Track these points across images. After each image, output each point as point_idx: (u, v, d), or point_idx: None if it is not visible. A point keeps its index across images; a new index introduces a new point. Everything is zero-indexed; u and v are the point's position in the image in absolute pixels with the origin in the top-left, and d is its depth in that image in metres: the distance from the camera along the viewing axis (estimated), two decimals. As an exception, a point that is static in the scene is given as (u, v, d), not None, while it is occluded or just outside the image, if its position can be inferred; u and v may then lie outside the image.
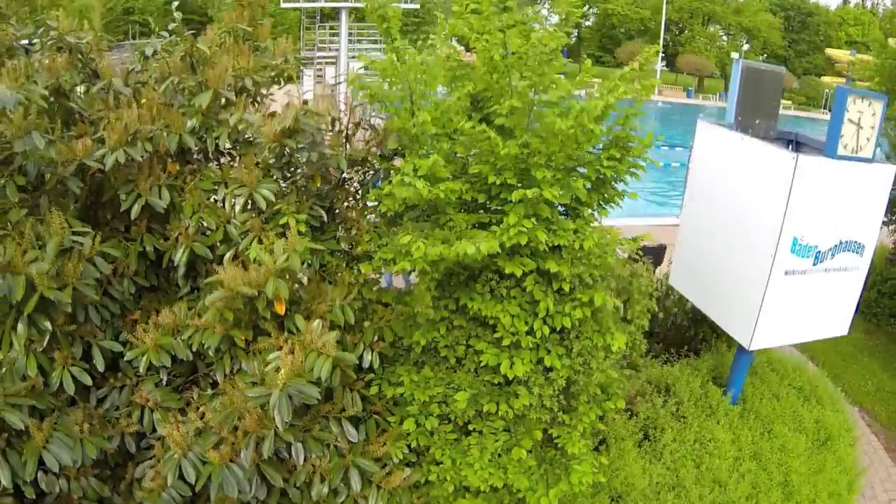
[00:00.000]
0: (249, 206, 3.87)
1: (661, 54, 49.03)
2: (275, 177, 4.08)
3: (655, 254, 11.26)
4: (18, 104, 3.31)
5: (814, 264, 5.44)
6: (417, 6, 28.43)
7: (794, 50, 61.09)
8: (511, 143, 3.51)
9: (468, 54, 4.19)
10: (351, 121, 4.40)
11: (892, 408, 9.75)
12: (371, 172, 4.59)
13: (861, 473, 6.24)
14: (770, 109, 6.01)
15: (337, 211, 4.60)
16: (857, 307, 6.08)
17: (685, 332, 7.41)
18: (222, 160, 4.47)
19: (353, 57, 29.40)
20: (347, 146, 4.35)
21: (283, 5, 26.59)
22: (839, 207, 5.35)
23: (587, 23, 51.40)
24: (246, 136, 4.04)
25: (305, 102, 4.06)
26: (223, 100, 4.06)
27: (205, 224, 3.90)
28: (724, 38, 53.95)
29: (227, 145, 4.06)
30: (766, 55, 59.64)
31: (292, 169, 4.29)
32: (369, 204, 4.60)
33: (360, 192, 4.68)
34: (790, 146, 6.35)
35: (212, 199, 4.05)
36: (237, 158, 4.36)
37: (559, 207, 4.03)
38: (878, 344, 11.29)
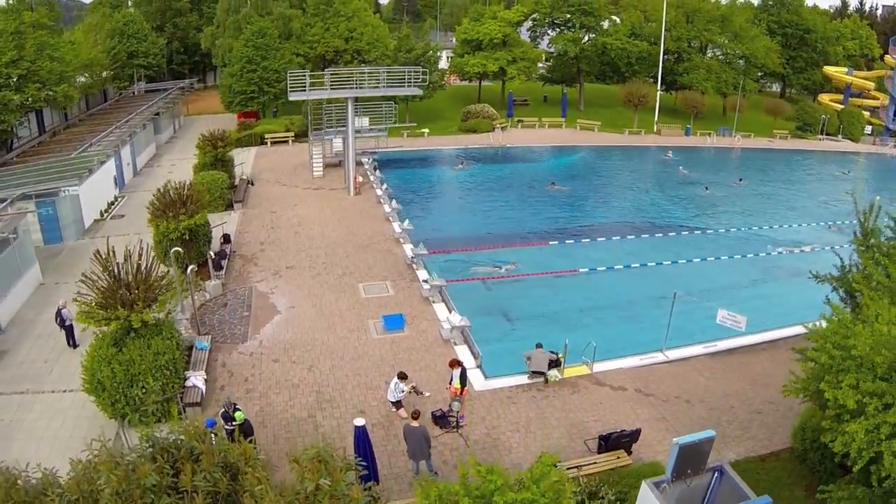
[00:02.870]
0: None
1: (659, 81, 49.89)
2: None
3: (632, 436, 13.04)
4: None
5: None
6: (420, 92, 29.79)
7: (792, 67, 61.73)
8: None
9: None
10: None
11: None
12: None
13: None
14: (700, 463, 7.78)
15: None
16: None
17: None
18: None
19: (359, 131, 30.98)
20: None
21: (290, 97, 28.11)
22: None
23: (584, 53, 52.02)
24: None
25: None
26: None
27: None
28: (723, 60, 54.54)
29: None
30: (763, 73, 60.37)
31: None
32: None
33: None
34: (714, 475, 8.12)
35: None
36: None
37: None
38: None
